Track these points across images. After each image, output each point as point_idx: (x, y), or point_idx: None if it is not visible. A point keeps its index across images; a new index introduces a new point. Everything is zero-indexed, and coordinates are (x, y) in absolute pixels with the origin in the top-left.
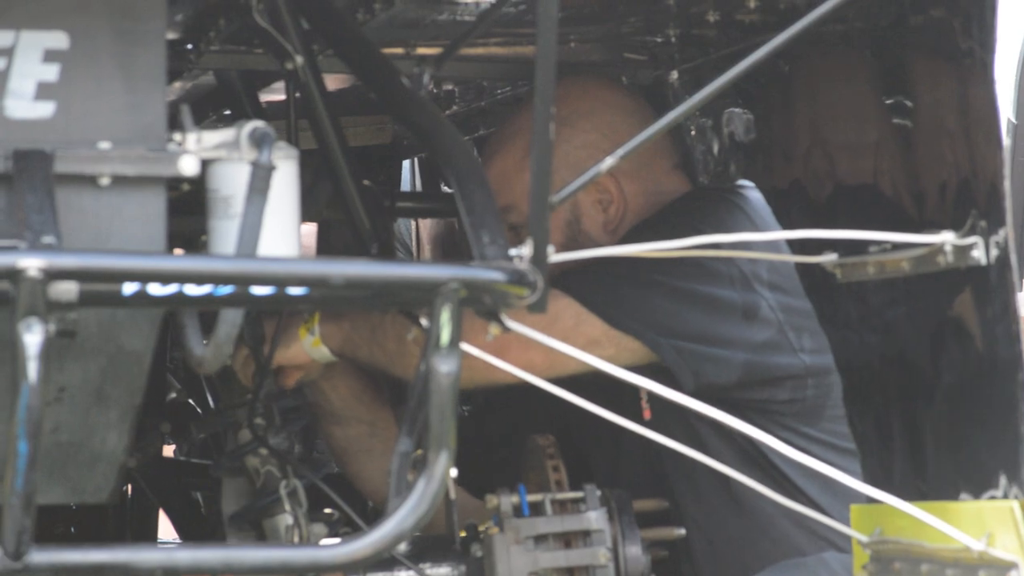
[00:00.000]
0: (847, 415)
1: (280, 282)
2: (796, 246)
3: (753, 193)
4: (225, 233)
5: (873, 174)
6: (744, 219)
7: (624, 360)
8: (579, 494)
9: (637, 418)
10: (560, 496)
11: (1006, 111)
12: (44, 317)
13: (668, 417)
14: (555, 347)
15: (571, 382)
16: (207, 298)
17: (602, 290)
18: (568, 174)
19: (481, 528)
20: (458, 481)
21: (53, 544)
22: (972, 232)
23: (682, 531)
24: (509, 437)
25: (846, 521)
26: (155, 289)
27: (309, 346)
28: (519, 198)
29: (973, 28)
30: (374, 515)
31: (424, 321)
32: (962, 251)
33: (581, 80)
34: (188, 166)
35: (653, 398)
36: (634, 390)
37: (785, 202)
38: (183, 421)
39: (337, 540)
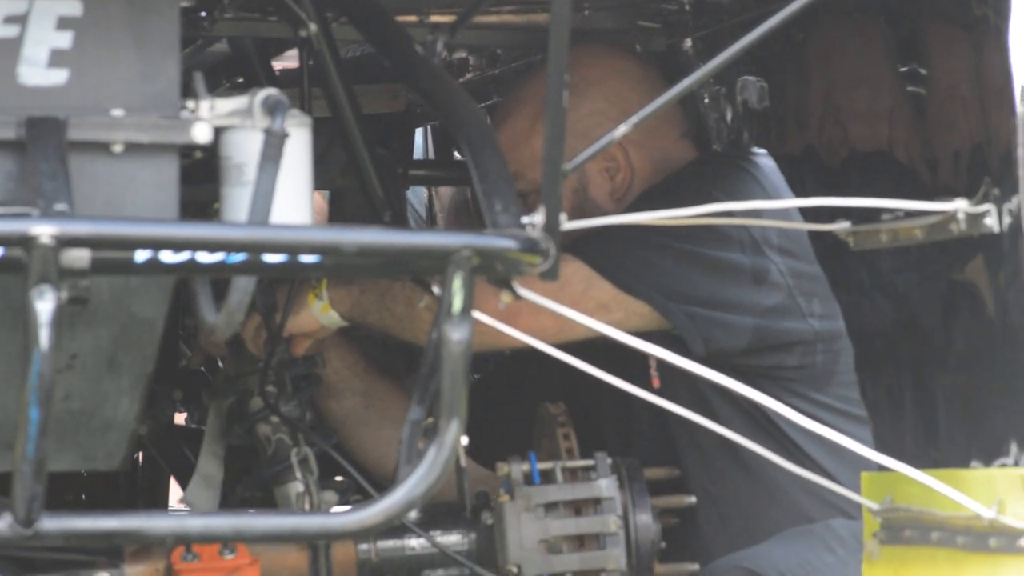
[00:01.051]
0: (859, 382)
1: (292, 250)
2: (809, 213)
3: (765, 160)
4: (238, 200)
5: (887, 142)
6: (755, 185)
7: (633, 325)
8: (590, 462)
9: (646, 386)
10: (571, 464)
11: (1020, 78)
12: (56, 284)
13: (677, 384)
14: (565, 313)
15: (581, 350)
16: (219, 266)
17: (612, 254)
18: (576, 142)
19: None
20: (468, 449)
21: (64, 511)
22: (985, 200)
23: (692, 499)
24: (520, 405)
25: (855, 488)
26: (167, 256)
27: (318, 312)
28: (526, 166)
29: None
30: (385, 483)
31: (436, 289)
32: (975, 219)
33: (588, 48)
34: (201, 133)
35: (662, 366)
36: (643, 358)
37: (798, 169)
38: (195, 389)
39: (348, 508)
